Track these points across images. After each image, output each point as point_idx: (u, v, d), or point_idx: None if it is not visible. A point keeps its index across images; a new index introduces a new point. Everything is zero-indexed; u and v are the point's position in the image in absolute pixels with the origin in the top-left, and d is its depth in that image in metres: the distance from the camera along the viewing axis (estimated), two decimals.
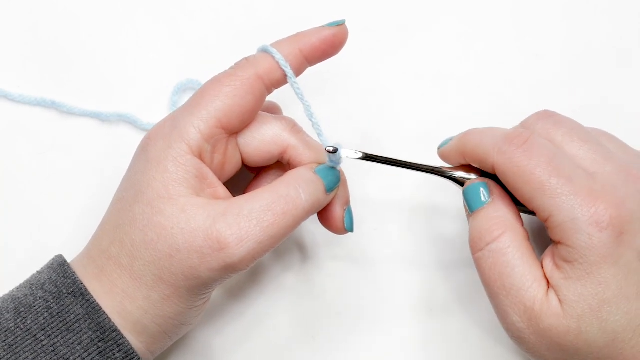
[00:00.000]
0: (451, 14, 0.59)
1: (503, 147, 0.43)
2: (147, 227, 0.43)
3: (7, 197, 0.55)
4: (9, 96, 0.56)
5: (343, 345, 0.53)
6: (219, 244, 0.42)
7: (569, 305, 0.41)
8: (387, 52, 0.58)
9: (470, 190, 0.45)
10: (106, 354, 0.43)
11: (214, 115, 0.45)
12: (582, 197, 0.41)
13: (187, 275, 0.43)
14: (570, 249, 0.41)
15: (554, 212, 0.41)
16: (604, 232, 0.40)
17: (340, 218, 0.47)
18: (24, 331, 0.43)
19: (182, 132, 0.44)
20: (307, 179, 0.45)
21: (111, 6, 0.58)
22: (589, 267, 0.41)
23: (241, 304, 0.54)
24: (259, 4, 0.59)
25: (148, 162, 0.45)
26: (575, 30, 0.58)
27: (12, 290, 0.45)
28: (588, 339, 0.41)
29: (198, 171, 0.44)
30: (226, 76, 0.46)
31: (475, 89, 0.57)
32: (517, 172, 0.42)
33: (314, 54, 0.47)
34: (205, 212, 0.43)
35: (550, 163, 0.42)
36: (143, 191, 0.44)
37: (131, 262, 0.44)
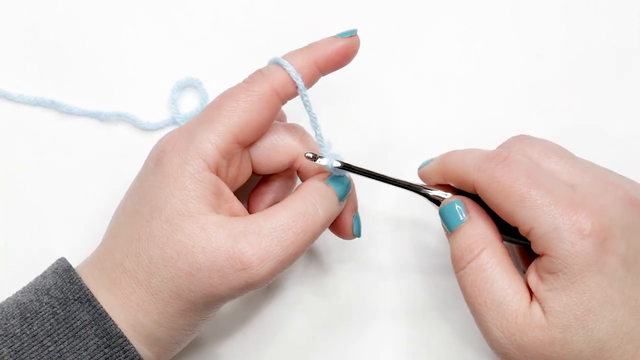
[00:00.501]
0: (451, 14, 0.59)
1: (483, 165, 0.43)
2: (166, 245, 0.43)
3: (7, 197, 0.55)
4: (9, 96, 0.56)
5: (342, 346, 0.53)
6: (242, 264, 0.42)
7: (554, 316, 0.41)
8: (387, 52, 0.58)
9: (447, 210, 0.45)
10: (112, 359, 0.43)
11: (230, 130, 0.44)
12: (563, 206, 0.41)
13: (207, 292, 0.43)
14: (553, 259, 0.41)
15: (535, 223, 0.41)
16: (587, 240, 0.40)
17: (350, 225, 0.48)
18: (30, 337, 0.42)
19: (199, 148, 0.44)
20: (323, 193, 0.45)
21: (111, 6, 0.58)
22: (573, 277, 0.40)
23: (240, 304, 0.54)
24: (259, 4, 0.59)
25: (165, 178, 0.44)
26: (575, 30, 0.58)
27: (15, 294, 0.45)
28: (574, 349, 0.40)
29: (215, 187, 0.44)
30: (242, 91, 0.45)
31: (475, 89, 0.57)
32: (497, 187, 0.42)
33: (327, 64, 0.47)
34: (225, 230, 0.43)
35: (529, 176, 0.42)
36: (161, 207, 0.43)
37: (148, 277, 0.43)
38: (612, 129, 0.56)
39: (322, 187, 0.46)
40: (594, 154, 0.56)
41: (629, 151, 0.56)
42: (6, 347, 0.42)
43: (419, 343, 0.53)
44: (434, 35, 0.58)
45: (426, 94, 0.57)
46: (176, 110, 0.56)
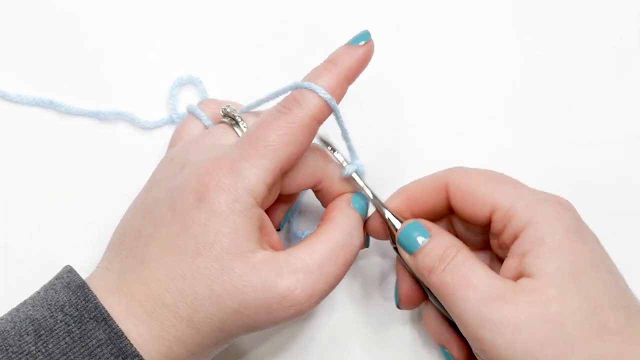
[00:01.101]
0: (451, 14, 0.59)
1: (452, 170, 0.46)
2: (214, 283, 0.42)
3: (7, 197, 0.55)
4: (7, 96, 0.56)
5: (342, 346, 0.53)
6: (290, 302, 0.42)
7: (546, 277, 0.41)
8: (387, 52, 0.58)
9: (409, 230, 0.45)
10: None
11: (277, 165, 0.44)
12: (538, 191, 0.44)
13: (250, 327, 0.43)
14: (539, 225, 0.42)
15: (517, 199, 0.43)
16: (567, 212, 0.43)
17: None
18: (46, 355, 0.42)
19: (247, 185, 0.43)
20: (354, 219, 0.46)
21: (111, 6, 0.58)
22: (559, 238, 0.41)
23: None
24: (259, 4, 0.59)
25: (212, 216, 0.43)
26: (575, 30, 0.58)
27: (25, 306, 0.44)
28: (571, 306, 0.40)
29: (261, 222, 0.44)
30: (284, 123, 0.44)
31: (475, 89, 0.57)
32: (472, 177, 0.45)
33: (353, 76, 0.47)
34: (273, 267, 0.43)
35: (499, 173, 0.46)
36: (208, 245, 0.42)
37: (191, 313, 0.42)
38: (612, 129, 0.56)
39: (352, 214, 0.47)
40: (594, 154, 0.57)
41: (629, 151, 0.56)
42: None
43: (422, 344, 0.53)
44: (433, 35, 0.58)
45: (426, 94, 0.57)
46: (174, 108, 0.56)
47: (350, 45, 0.46)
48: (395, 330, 0.53)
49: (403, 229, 0.46)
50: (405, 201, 0.47)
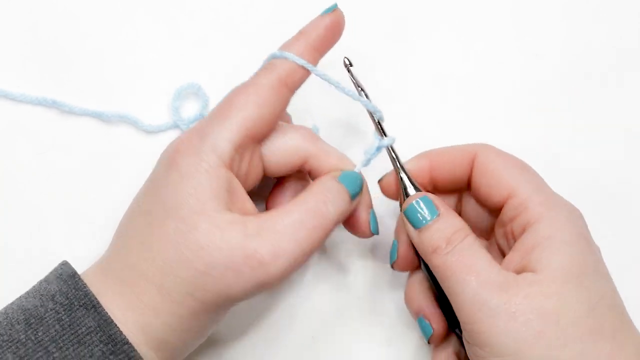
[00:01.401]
0: (451, 14, 0.59)
1: (481, 146, 0.46)
2: (181, 245, 0.43)
3: (7, 197, 0.55)
4: (10, 95, 0.56)
5: (342, 346, 0.53)
6: (255, 261, 0.42)
7: (550, 272, 0.41)
8: (387, 53, 0.58)
9: (416, 206, 0.45)
10: None
11: (243, 125, 0.44)
12: (557, 194, 0.45)
13: (220, 292, 0.43)
14: (551, 222, 0.43)
15: (537, 191, 0.44)
16: (579, 219, 0.44)
17: (366, 222, 0.48)
18: (35, 343, 0.42)
19: (213, 145, 0.44)
20: (333, 190, 0.45)
21: (111, 6, 0.58)
22: (569, 238, 0.42)
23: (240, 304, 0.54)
24: (259, 4, 0.59)
25: (180, 177, 0.44)
26: (575, 30, 0.58)
27: (20, 299, 0.45)
28: (571, 303, 0.40)
29: (229, 185, 0.44)
30: (250, 85, 0.46)
31: (475, 89, 0.57)
32: (501, 157, 0.46)
33: (323, 44, 0.47)
34: (239, 228, 0.43)
35: None
36: (176, 207, 0.43)
37: (161, 278, 0.43)
38: (612, 129, 0.56)
39: (333, 185, 0.46)
40: (594, 154, 0.57)
41: (629, 151, 0.56)
42: (11, 353, 0.42)
43: (420, 343, 0.53)
44: (434, 35, 0.58)
45: (426, 94, 0.57)
46: (178, 116, 0.56)
47: (318, 16, 0.48)
48: (399, 330, 0.53)
49: (411, 203, 0.45)
50: (426, 165, 0.47)
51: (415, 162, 0.48)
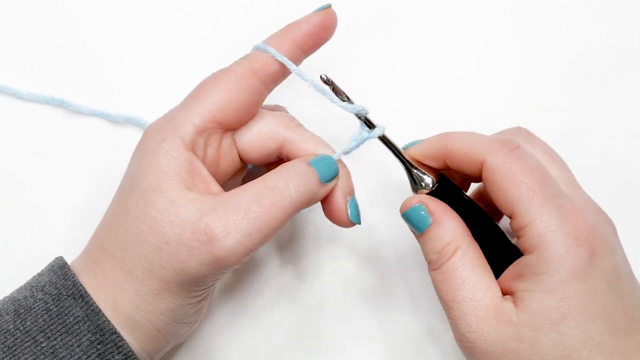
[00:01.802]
0: (451, 14, 0.59)
1: (495, 147, 0.43)
2: (139, 219, 0.43)
3: (7, 197, 0.55)
4: (18, 94, 0.56)
5: (341, 346, 0.53)
6: (207, 236, 0.42)
7: (528, 314, 0.41)
8: (387, 52, 0.58)
9: (411, 214, 0.45)
10: (105, 356, 0.43)
11: (208, 109, 0.45)
12: (565, 212, 0.41)
13: (177, 269, 0.43)
14: (542, 261, 0.41)
15: (536, 220, 0.41)
16: (580, 248, 0.40)
17: (342, 209, 0.46)
18: (23, 333, 0.43)
19: (176, 126, 0.45)
20: (298, 170, 0.45)
21: (111, 6, 0.58)
22: (558, 280, 0.40)
23: (239, 304, 0.54)
24: (259, 4, 0.59)
25: (143, 155, 0.45)
26: (575, 30, 0.58)
27: (13, 292, 0.45)
28: (542, 350, 0.40)
29: (190, 165, 0.44)
30: (222, 72, 0.46)
31: (475, 89, 0.57)
32: (509, 172, 0.42)
33: (307, 42, 0.47)
34: (194, 205, 0.43)
35: (543, 173, 0.42)
36: (137, 183, 0.44)
37: (123, 254, 0.44)
38: (612, 129, 0.56)
39: (299, 166, 0.45)
40: (593, 154, 0.56)
41: (629, 151, 0.56)
42: None
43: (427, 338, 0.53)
44: (434, 35, 0.58)
45: (426, 94, 0.57)
46: None
47: (309, 14, 0.47)
48: (400, 329, 0.53)
49: (408, 209, 0.45)
50: (442, 149, 0.45)
51: (432, 144, 0.46)
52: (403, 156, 0.47)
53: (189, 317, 0.46)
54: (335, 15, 0.47)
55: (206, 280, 0.44)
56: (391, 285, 0.54)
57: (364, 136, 0.47)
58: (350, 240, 0.54)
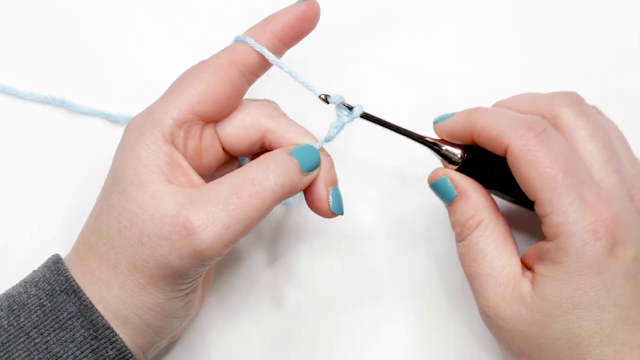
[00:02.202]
0: (451, 14, 0.58)
1: (520, 131, 0.43)
2: (120, 215, 0.43)
3: (7, 197, 0.55)
4: (20, 94, 0.56)
5: (341, 343, 0.53)
6: (185, 229, 0.42)
7: (541, 299, 0.41)
8: (387, 52, 0.58)
9: (438, 185, 0.46)
10: (99, 351, 0.43)
11: (187, 102, 0.45)
12: (587, 203, 0.41)
13: (159, 263, 0.43)
14: (560, 250, 0.41)
15: (556, 210, 0.41)
16: (598, 242, 0.41)
17: (324, 199, 0.46)
18: (17, 329, 0.43)
19: (155, 119, 0.44)
20: (278, 160, 0.44)
21: (111, 6, 0.58)
22: (573, 271, 0.41)
23: (237, 302, 0.54)
24: (259, 4, 0.59)
25: (123, 150, 0.45)
26: (575, 30, 0.58)
27: (8, 289, 0.45)
28: (552, 336, 0.41)
29: (170, 158, 0.44)
30: (201, 64, 0.46)
31: (475, 89, 0.57)
32: (533, 161, 0.42)
33: (287, 33, 0.46)
34: (174, 198, 0.43)
35: (567, 160, 0.42)
36: (118, 179, 0.44)
37: (107, 250, 0.44)
38: None
39: (279, 156, 0.45)
40: None
41: None
42: None
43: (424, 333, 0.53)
44: (433, 35, 0.58)
45: (426, 94, 0.57)
46: None
47: (290, 5, 0.47)
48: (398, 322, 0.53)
49: (434, 181, 0.46)
50: (469, 127, 0.45)
51: (459, 122, 0.46)
52: (405, 130, 0.47)
53: (178, 311, 0.46)
54: (318, 6, 0.47)
55: (189, 273, 0.43)
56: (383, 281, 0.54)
57: (343, 120, 0.47)
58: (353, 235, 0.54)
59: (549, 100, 0.46)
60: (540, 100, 0.46)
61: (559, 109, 0.45)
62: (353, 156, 0.54)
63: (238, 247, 0.54)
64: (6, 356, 0.42)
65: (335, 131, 0.47)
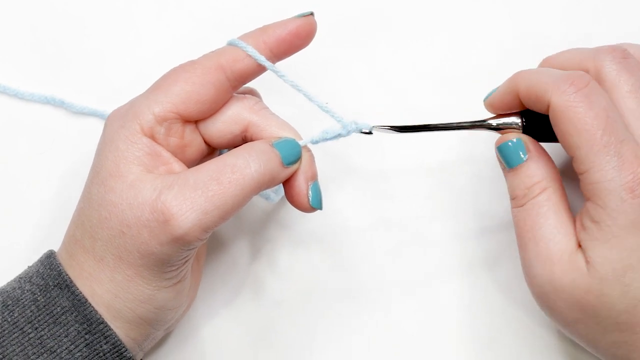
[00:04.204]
0: (451, 14, 0.58)
1: (562, 87, 0.43)
2: (101, 206, 0.43)
3: (7, 197, 0.55)
4: (20, 94, 0.56)
5: (341, 340, 0.53)
6: (164, 215, 0.42)
7: (592, 266, 0.41)
8: (387, 52, 0.58)
9: (506, 147, 0.45)
10: (93, 345, 0.43)
11: (170, 100, 0.45)
12: (625, 161, 0.41)
13: (142, 252, 0.43)
14: (599, 209, 0.41)
15: (594, 167, 0.41)
16: (636, 199, 0.41)
17: (303, 193, 0.46)
18: (11, 324, 0.43)
19: (136, 113, 0.44)
20: (259, 150, 0.45)
21: (111, 6, 0.58)
22: (617, 231, 0.41)
23: (238, 301, 0.54)
24: (259, 4, 0.59)
25: (103, 143, 0.45)
26: (575, 30, 0.58)
27: (3, 285, 0.46)
28: (608, 302, 0.41)
29: (150, 149, 0.44)
30: (189, 64, 0.46)
31: (475, 89, 0.57)
32: (573, 118, 0.42)
33: (279, 46, 0.46)
34: (152, 185, 0.43)
35: (608, 118, 0.42)
36: (98, 171, 0.44)
37: (92, 243, 0.44)
38: None
39: (261, 146, 0.45)
40: None
41: None
42: None
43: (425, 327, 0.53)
44: (433, 35, 0.58)
45: (426, 94, 0.57)
46: None
47: (288, 18, 0.47)
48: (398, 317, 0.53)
49: (504, 142, 0.46)
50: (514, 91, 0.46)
51: (504, 89, 0.47)
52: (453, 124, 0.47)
53: (169, 302, 0.46)
54: (315, 24, 0.47)
55: (171, 260, 0.43)
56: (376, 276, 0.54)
57: (337, 131, 0.47)
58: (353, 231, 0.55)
59: (592, 55, 0.46)
60: (584, 55, 0.46)
61: (602, 63, 0.45)
62: (333, 150, 0.54)
63: (229, 241, 0.54)
64: (0, 351, 0.42)
65: (324, 137, 0.47)
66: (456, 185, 0.54)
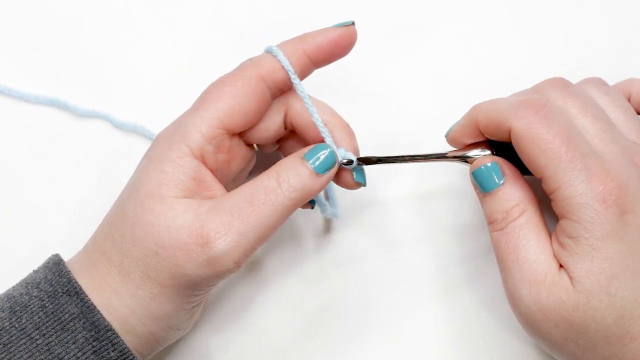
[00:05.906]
0: (451, 14, 0.59)
1: (520, 112, 0.43)
2: (136, 224, 0.43)
3: (7, 197, 0.55)
4: (24, 97, 0.56)
5: (343, 345, 0.53)
6: (201, 238, 0.42)
7: (577, 281, 0.41)
8: (387, 52, 0.58)
9: (481, 172, 0.45)
10: (101, 352, 0.43)
11: (215, 116, 0.44)
12: (592, 174, 0.41)
13: (173, 273, 0.43)
14: (574, 224, 0.41)
15: (563, 184, 0.41)
16: (609, 209, 0.41)
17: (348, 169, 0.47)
18: (19, 330, 0.43)
19: (184, 134, 0.44)
20: (289, 166, 0.45)
21: (111, 6, 0.58)
22: (595, 242, 0.41)
23: (240, 303, 0.54)
24: (261, 4, 0.59)
25: (148, 161, 0.45)
26: (575, 30, 0.58)
27: (9, 289, 0.46)
28: (597, 316, 0.41)
29: (196, 173, 0.44)
30: (229, 77, 0.46)
31: (476, 89, 0.57)
32: (535, 139, 0.42)
33: (318, 55, 0.46)
34: (192, 209, 0.43)
35: (569, 135, 0.42)
36: (137, 189, 0.44)
37: (120, 258, 0.44)
38: None
39: (291, 161, 0.45)
40: None
41: None
42: None
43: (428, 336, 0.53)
44: (434, 35, 0.58)
45: (426, 94, 0.57)
46: None
47: (329, 27, 0.46)
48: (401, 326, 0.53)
49: (479, 167, 0.45)
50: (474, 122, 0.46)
51: (465, 122, 0.46)
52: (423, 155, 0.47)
53: (182, 322, 0.46)
54: (355, 34, 0.46)
55: (203, 284, 0.44)
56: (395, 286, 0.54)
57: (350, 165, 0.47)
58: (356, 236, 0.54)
59: (535, 91, 0.46)
60: (527, 94, 0.46)
61: (546, 95, 0.45)
62: None
63: None
64: (8, 357, 0.42)
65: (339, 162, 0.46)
66: (436, 212, 0.54)
